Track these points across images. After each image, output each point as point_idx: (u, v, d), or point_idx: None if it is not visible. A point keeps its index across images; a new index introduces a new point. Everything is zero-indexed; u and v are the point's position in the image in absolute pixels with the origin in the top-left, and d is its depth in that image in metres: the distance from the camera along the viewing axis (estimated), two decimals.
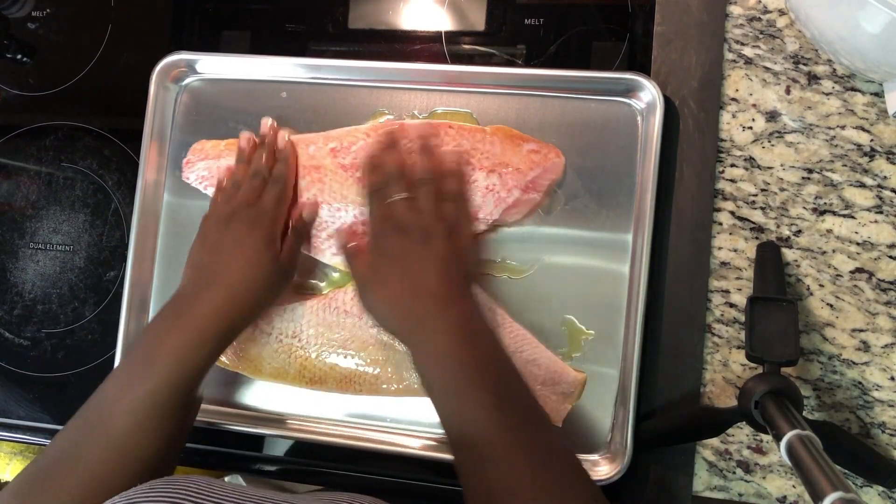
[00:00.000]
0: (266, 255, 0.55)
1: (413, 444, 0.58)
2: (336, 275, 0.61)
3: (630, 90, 0.58)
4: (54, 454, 0.49)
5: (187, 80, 0.65)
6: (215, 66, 0.65)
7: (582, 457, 0.56)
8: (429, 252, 0.52)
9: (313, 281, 0.62)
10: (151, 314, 0.64)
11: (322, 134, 0.62)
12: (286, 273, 0.58)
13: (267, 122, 0.62)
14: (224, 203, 0.58)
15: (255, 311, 0.56)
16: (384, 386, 0.59)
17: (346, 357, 0.59)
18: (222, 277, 0.53)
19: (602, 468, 0.55)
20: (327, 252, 0.60)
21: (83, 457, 0.48)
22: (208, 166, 0.63)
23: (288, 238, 0.58)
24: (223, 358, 0.61)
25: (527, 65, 0.63)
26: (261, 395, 0.61)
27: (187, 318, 0.52)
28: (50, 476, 0.47)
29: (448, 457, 0.57)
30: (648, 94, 0.57)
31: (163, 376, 0.49)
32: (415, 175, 0.55)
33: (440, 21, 0.65)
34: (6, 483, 0.72)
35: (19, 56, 0.72)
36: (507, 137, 0.59)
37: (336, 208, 0.60)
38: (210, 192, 0.63)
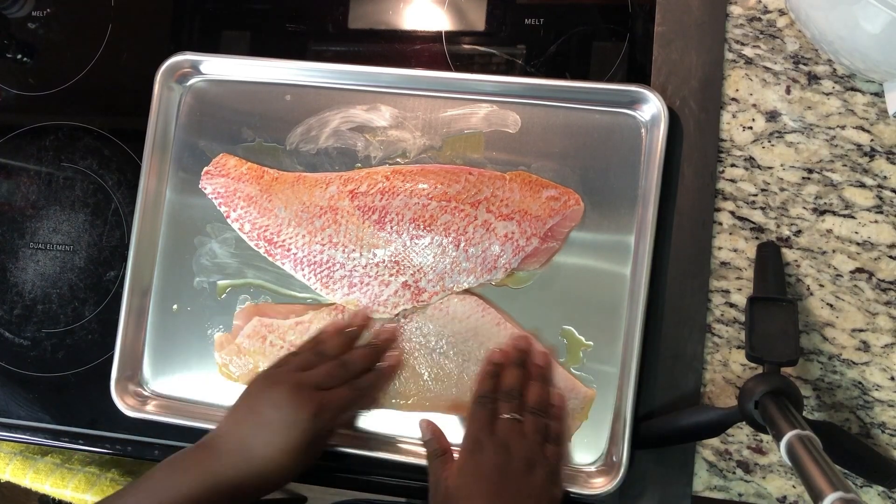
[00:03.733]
0: (305, 451, 0.51)
1: (414, 450, 0.58)
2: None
3: (634, 102, 0.58)
4: None
5: (192, 81, 0.65)
6: (220, 68, 0.65)
7: (578, 468, 0.56)
8: (526, 484, 0.50)
9: (324, 297, 0.61)
10: (151, 314, 0.64)
11: (341, 175, 0.61)
12: (315, 456, 0.55)
13: (390, 330, 0.59)
14: (292, 371, 0.54)
15: (273, 489, 0.53)
16: (394, 400, 0.59)
17: None
18: (251, 453, 0.51)
19: (598, 480, 0.55)
20: (339, 292, 0.60)
21: None
22: (226, 185, 0.63)
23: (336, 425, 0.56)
24: (234, 373, 0.61)
25: (530, 73, 0.63)
26: None
27: (203, 476, 0.50)
28: None
29: None
30: (653, 107, 0.57)
31: None
32: (529, 402, 0.54)
33: (440, 21, 0.65)
34: (6, 483, 0.72)
35: (19, 56, 0.72)
36: (525, 184, 0.58)
37: (351, 250, 0.60)
38: (223, 210, 0.63)
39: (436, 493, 0.52)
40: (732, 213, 0.58)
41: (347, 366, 0.56)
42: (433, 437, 0.55)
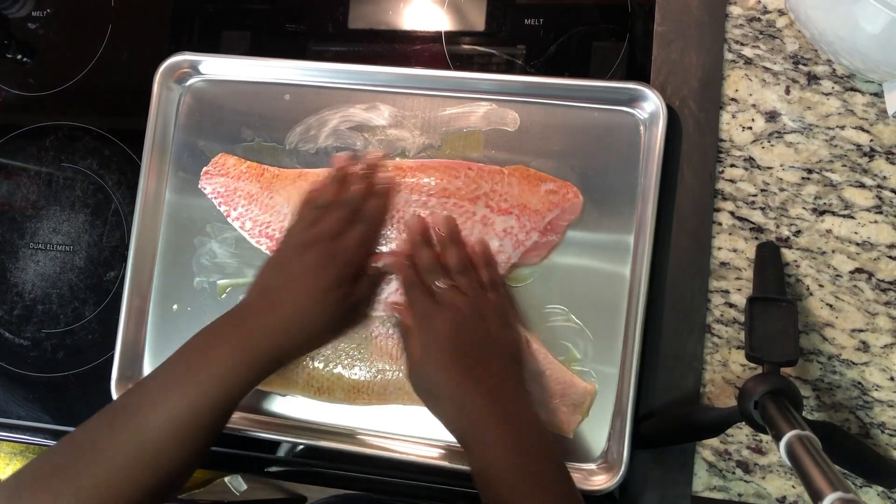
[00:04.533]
0: (333, 294, 0.53)
1: (416, 451, 0.58)
2: None
3: (633, 99, 0.58)
4: (81, 441, 0.48)
5: (191, 81, 0.65)
6: (219, 67, 0.65)
7: (578, 466, 0.56)
8: (483, 334, 0.51)
9: None
10: (151, 314, 0.64)
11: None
12: (352, 316, 0.57)
13: (374, 152, 0.61)
14: (304, 229, 0.56)
15: (310, 347, 0.55)
16: (392, 396, 0.59)
17: (353, 367, 0.59)
18: (284, 307, 0.52)
19: (598, 477, 0.55)
20: None
21: (112, 452, 0.46)
22: (226, 184, 0.63)
23: (361, 282, 0.56)
24: None
25: (529, 72, 0.63)
26: (264, 398, 0.61)
27: (239, 340, 0.51)
28: (73, 463, 0.46)
29: (446, 463, 0.57)
30: (652, 105, 0.57)
31: (206, 391, 0.48)
32: (451, 265, 0.55)
33: (440, 21, 0.65)
34: None
35: (19, 56, 0.72)
36: (524, 178, 0.59)
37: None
38: (223, 209, 0.63)
39: (410, 373, 0.53)
40: (732, 213, 0.58)
41: (352, 204, 0.57)
42: (399, 318, 0.56)
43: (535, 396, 0.56)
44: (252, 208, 0.62)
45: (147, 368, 0.63)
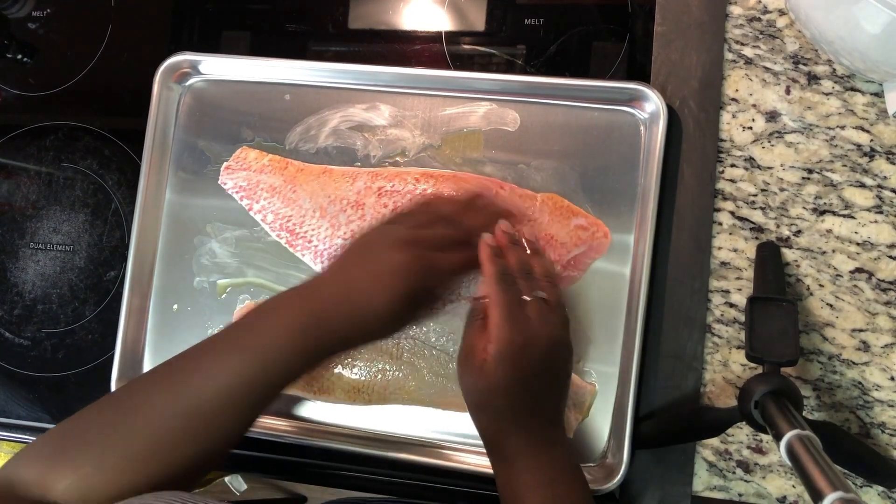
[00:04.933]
0: (407, 303, 0.49)
1: (416, 451, 0.58)
2: None
3: (633, 99, 0.58)
4: (128, 402, 0.46)
5: (191, 81, 0.65)
6: (219, 67, 0.65)
7: None
8: (556, 367, 0.50)
9: None
10: (151, 314, 0.64)
11: (370, 171, 0.61)
12: (411, 318, 0.53)
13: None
14: (409, 227, 0.52)
15: (366, 343, 0.53)
16: (392, 396, 0.59)
17: (353, 367, 0.59)
18: (357, 300, 0.48)
19: (598, 477, 0.55)
20: None
21: (161, 418, 0.44)
22: (248, 178, 0.63)
23: (435, 301, 0.54)
24: None
25: (530, 72, 0.63)
26: None
27: (311, 310, 0.47)
28: (119, 424, 0.45)
29: (446, 463, 0.57)
30: (652, 104, 0.57)
31: (264, 364, 0.46)
32: (538, 275, 0.52)
33: (440, 21, 0.65)
34: None
35: (19, 56, 0.72)
36: (556, 208, 0.58)
37: None
38: (245, 203, 0.63)
39: (464, 366, 0.50)
40: (732, 213, 0.58)
41: (464, 229, 0.53)
42: (476, 304, 0.52)
43: None
44: (274, 201, 0.62)
45: (147, 368, 0.63)
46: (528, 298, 0.50)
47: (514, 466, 0.48)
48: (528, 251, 0.54)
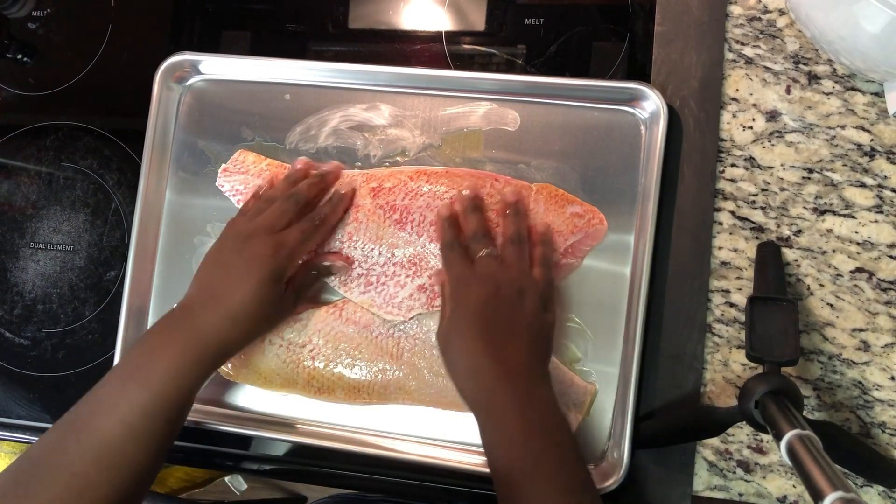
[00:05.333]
0: (271, 288, 0.53)
1: (416, 451, 0.58)
2: None
3: (634, 99, 0.58)
4: (38, 456, 0.47)
5: (191, 81, 0.65)
6: (219, 67, 0.65)
7: None
8: (519, 312, 0.51)
9: (324, 295, 0.61)
10: (151, 314, 0.64)
11: (363, 172, 0.61)
12: (286, 309, 0.57)
13: (333, 163, 0.61)
14: (246, 220, 0.56)
15: (252, 337, 0.55)
16: (393, 396, 0.59)
17: (354, 367, 0.59)
18: (224, 300, 0.52)
19: (599, 477, 0.55)
20: (355, 290, 0.60)
21: (71, 462, 0.46)
22: (245, 181, 0.63)
23: (300, 277, 0.57)
24: (232, 371, 0.61)
25: (530, 72, 0.63)
26: (264, 398, 0.61)
27: (185, 336, 0.51)
28: (33, 478, 0.46)
29: (446, 462, 0.57)
30: (652, 104, 0.57)
31: (157, 389, 0.49)
32: (506, 234, 0.55)
33: (440, 21, 0.65)
34: None
35: (19, 56, 0.72)
36: (551, 197, 0.58)
37: (370, 248, 0.60)
38: (241, 206, 0.63)
39: (437, 335, 0.53)
40: (732, 212, 0.58)
41: (297, 199, 0.57)
42: (438, 277, 0.56)
43: None
44: None
45: None
46: (482, 254, 0.53)
47: (489, 421, 0.48)
48: (505, 214, 0.57)
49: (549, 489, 0.45)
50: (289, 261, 0.54)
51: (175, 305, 0.54)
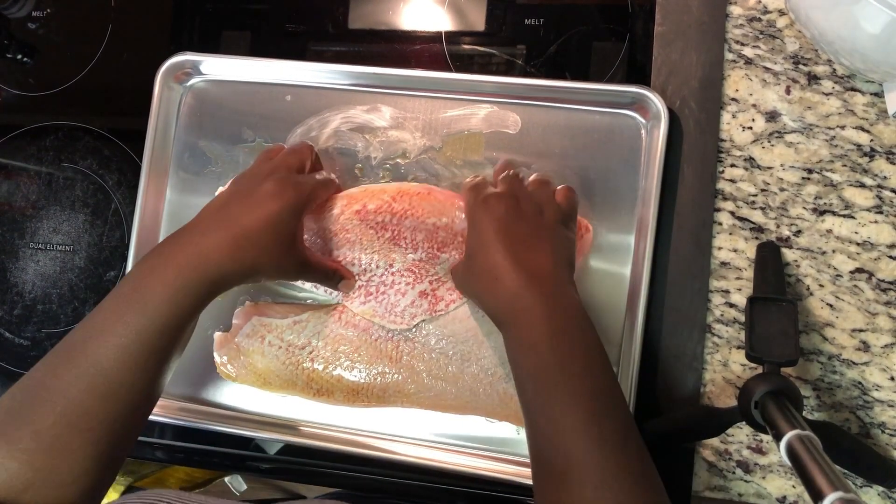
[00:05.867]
0: (286, 221, 0.51)
1: (416, 452, 0.58)
2: None
3: (635, 102, 0.58)
4: (32, 385, 0.45)
5: (192, 81, 0.65)
6: (220, 68, 0.65)
7: None
8: (540, 223, 0.50)
9: (323, 296, 0.61)
10: None
11: (342, 195, 0.60)
12: (291, 260, 0.53)
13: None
14: (263, 164, 0.56)
15: (253, 273, 0.52)
16: (392, 398, 0.59)
17: (353, 370, 0.59)
18: (234, 224, 0.50)
19: None
20: (356, 301, 0.59)
21: (65, 390, 0.44)
22: None
23: (312, 255, 0.56)
24: (233, 373, 0.61)
25: (530, 72, 0.63)
26: (263, 399, 0.61)
27: (185, 257, 0.48)
28: (26, 407, 0.44)
29: (446, 464, 0.57)
30: (653, 108, 0.57)
31: (153, 312, 0.46)
32: (529, 187, 0.55)
33: (440, 21, 0.65)
34: None
35: (19, 56, 0.72)
36: None
37: (367, 261, 0.59)
38: None
39: (461, 268, 0.53)
40: (732, 213, 0.58)
41: (303, 159, 0.57)
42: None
43: None
44: None
45: None
46: (505, 175, 0.54)
47: (518, 327, 0.46)
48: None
49: (576, 392, 0.43)
50: (309, 200, 0.54)
51: (181, 227, 0.52)
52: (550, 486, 0.43)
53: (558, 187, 0.55)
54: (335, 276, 0.58)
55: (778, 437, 0.41)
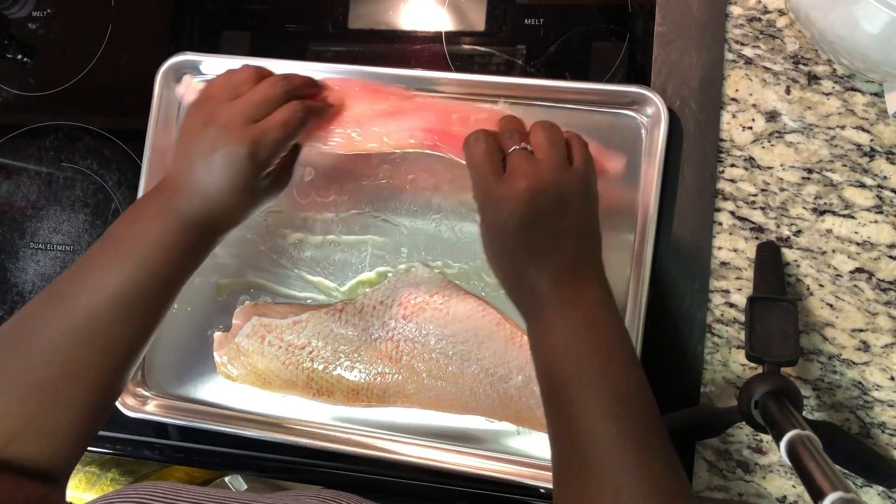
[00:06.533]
0: (249, 183, 0.49)
1: (416, 452, 0.58)
2: (344, 288, 0.61)
3: (635, 103, 0.58)
4: (18, 331, 0.45)
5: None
6: (220, 68, 0.64)
7: None
8: (560, 210, 0.45)
9: (322, 296, 0.61)
10: None
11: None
12: (271, 189, 0.52)
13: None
14: (222, 102, 0.50)
15: (235, 222, 0.51)
16: (392, 398, 0.59)
17: (353, 369, 0.59)
18: (204, 190, 0.48)
19: None
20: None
21: (58, 339, 0.44)
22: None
23: (286, 158, 0.52)
24: (233, 373, 0.61)
25: (530, 72, 0.63)
26: (263, 399, 0.61)
27: (169, 212, 0.48)
28: (19, 355, 0.44)
29: (446, 464, 0.57)
30: (653, 108, 0.57)
31: (141, 264, 0.46)
32: (536, 135, 0.47)
33: (440, 21, 0.65)
34: None
35: (19, 56, 0.72)
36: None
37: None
38: None
39: (482, 240, 0.48)
40: (732, 213, 0.58)
41: (286, 86, 0.51)
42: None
43: (536, 394, 0.56)
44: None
45: (146, 368, 0.63)
46: (513, 150, 0.47)
47: (541, 327, 0.45)
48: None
49: (597, 395, 0.42)
50: (270, 154, 0.49)
51: (161, 180, 0.51)
52: (569, 486, 0.42)
53: (573, 153, 0.48)
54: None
55: (778, 437, 0.41)
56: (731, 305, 0.57)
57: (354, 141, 0.53)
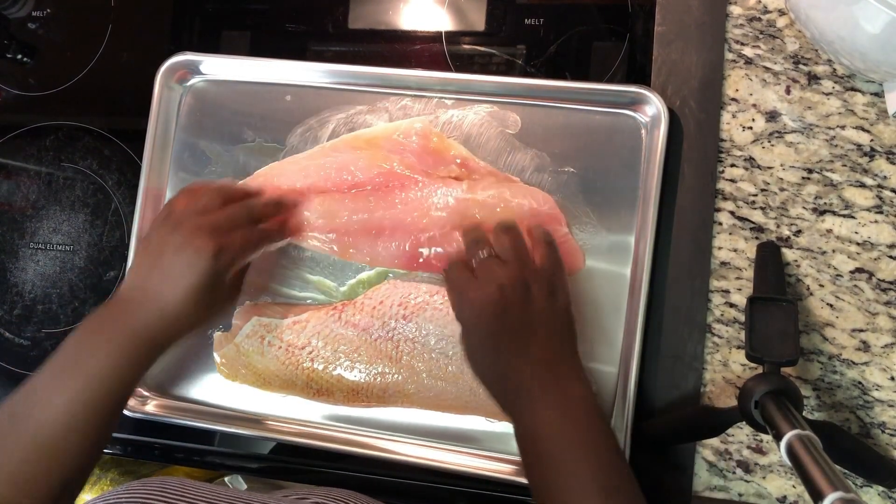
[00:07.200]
0: (207, 292, 0.52)
1: (416, 452, 0.58)
2: (344, 288, 0.61)
3: (635, 103, 0.58)
4: None
5: (192, 81, 0.65)
6: (220, 68, 0.65)
7: None
8: (529, 308, 0.49)
9: (322, 296, 0.61)
10: None
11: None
12: (223, 308, 0.57)
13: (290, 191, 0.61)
14: (190, 212, 0.53)
15: (186, 332, 0.54)
16: (392, 398, 0.59)
17: (353, 370, 0.59)
18: (159, 299, 0.51)
19: None
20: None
21: (10, 456, 0.46)
22: None
23: (238, 272, 0.56)
24: (231, 373, 0.61)
25: (530, 72, 0.63)
26: (263, 399, 0.61)
27: (120, 331, 0.50)
28: None
29: (446, 464, 0.57)
30: (653, 108, 0.57)
31: (96, 384, 0.48)
32: (495, 228, 0.53)
33: (440, 21, 0.65)
34: None
35: (19, 56, 0.72)
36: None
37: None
38: None
39: (461, 345, 0.52)
40: (732, 213, 0.58)
41: (251, 209, 0.56)
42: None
43: None
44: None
45: None
46: (480, 257, 0.52)
47: (522, 424, 0.48)
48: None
49: (580, 492, 0.44)
50: (228, 267, 0.53)
51: (112, 295, 0.53)
52: None
53: (534, 241, 0.53)
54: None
55: (778, 437, 0.41)
56: (731, 305, 0.57)
57: (336, 253, 0.61)
